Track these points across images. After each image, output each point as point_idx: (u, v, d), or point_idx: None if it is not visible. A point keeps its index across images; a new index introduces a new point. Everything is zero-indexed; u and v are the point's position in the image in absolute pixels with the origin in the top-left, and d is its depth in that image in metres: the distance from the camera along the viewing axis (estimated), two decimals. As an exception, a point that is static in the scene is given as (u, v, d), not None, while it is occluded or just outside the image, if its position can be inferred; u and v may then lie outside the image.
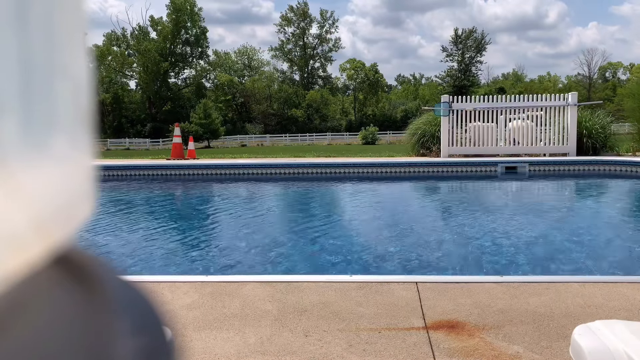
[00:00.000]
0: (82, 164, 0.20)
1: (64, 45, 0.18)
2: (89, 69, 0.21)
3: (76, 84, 0.19)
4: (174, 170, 10.30)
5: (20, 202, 0.16)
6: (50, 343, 0.17)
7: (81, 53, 0.20)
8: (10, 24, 0.16)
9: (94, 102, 0.21)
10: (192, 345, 1.88)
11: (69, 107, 0.19)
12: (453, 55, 64.51)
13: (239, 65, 66.34)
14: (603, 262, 3.74)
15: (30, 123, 0.17)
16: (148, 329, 0.23)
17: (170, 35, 56.07)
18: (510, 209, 6.49)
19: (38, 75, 0.17)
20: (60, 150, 0.18)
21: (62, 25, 0.18)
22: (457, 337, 1.90)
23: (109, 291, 0.21)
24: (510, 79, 76.37)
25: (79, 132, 0.20)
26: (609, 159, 9.89)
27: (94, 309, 0.20)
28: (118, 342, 0.20)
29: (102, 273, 0.21)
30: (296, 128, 57.15)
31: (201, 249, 4.46)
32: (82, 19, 0.20)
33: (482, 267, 3.65)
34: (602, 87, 69.30)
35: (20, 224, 0.16)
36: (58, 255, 0.19)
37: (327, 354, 1.79)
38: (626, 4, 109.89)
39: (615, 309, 2.15)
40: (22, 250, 0.16)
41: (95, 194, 0.21)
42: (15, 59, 0.16)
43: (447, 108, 11.62)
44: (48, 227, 0.17)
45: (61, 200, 0.18)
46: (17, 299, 0.17)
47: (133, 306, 0.23)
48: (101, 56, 53.83)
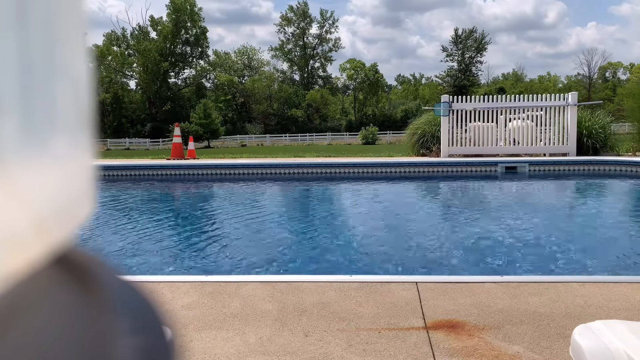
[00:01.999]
0: (82, 164, 0.20)
1: (64, 45, 0.18)
2: (89, 69, 0.21)
3: (76, 84, 0.19)
4: (174, 170, 10.30)
5: (20, 202, 0.16)
6: (50, 343, 0.17)
7: (81, 53, 0.20)
8: (10, 24, 0.16)
9: (94, 102, 0.21)
10: (192, 345, 1.88)
11: (69, 107, 0.19)
12: (453, 55, 64.52)
13: (239, 65, 66.33)
14: (603, 262, 3.74)
15: (30, 123, 0.17)
16: (148, 329, 0.23)
17: (170, 35, 56.07)
18: (510, 209, 6.49)
19: (38, 75, 0.17)
20: (61, 150, 0.18)
21: (62, 25, 0.18)
22: (457, 337, 1.90)
23: (109, 291, 0.21)
24: (510, 79, 76.36)
25: (79, 132, 0.20)
26: (609, 159, 9.89)
27: (94, 309, 0.20)
28: (118, 342, 0.20)
29: (102, 273, 0.21)
30: (296, 128, 57.16)
31: (201, 248, 4.46)
32: (82, 19, 0.20)
33: (482, 267, 3.65)
34: (602, 87, 69.31)
35: (21, 223, 0.16)
36: (58, 255, 0.19)
37: (327, 354, 1.79)
38: (625, 4, 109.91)
39: (615, 309, 2.15)
40: (22, 250, 0.16)
41: (95, 193, 0.21)
42: (15, 59, 0.16)
43: (447, 108, 11.62)
44: (48, 227, 0.17)
45: (61, 200, 0.18)
46: (17, 299, 0.17)
47: (133, 306, 0.23)
48: (101, 56, 53.82)
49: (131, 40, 58.17)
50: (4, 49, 0.15)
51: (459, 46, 63.94)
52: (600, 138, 11.50)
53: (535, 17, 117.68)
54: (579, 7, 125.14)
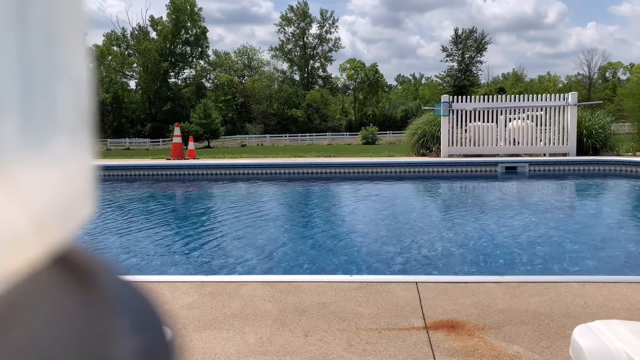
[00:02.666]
0: (82, 164, 0.20)
1: (64, 45, 0.18)
2: (89, 69, 0.21)
3: (76, 84, 0.19)
4: (174, 170, 10.30)
5: (20, 202, 0.16)
6: (50, 343, 0.17)
7: (81, 53, 0.20)
8: (10, 24, 0.16)
9: (94, 102, 0.21)
10: (192, 345, 1.88)
11: (69, 107, 0.19)
12: (453, 55, 64.50)
13: (239, 65, 66.34)
14: (603, 261, 3.74)
15: (30, 123, 0.17)
16: (148, 329, 0.23)
17: (170, 35, 56.08)
18: (510, 208, 6.49)
19: (38, 75, 0.17)
20: (61, 150, 0.18)
21: (62, 25, 0.18)
22: (457, 337, 1.90)
23: (109, 291, 0.21)
24: (510, 79, 76.34)
25: (79, 132, 0.20)
26: (608, 159, 9.89)
27: (94, 309, 0.20)
28: (118, 342, 0.20)
29: (102, 273, 0.21)
30: (296, 128, 57.16)
31: (201, 248, 4.46)
32: (82, 19, 0.20)
33: (482, 267, 3.65)
34: (602, 87, 69.29)
35: (21, 223, 0.16)
36: (58, 255, 0.19)
37: (327, 354, 1.79)
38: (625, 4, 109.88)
39: (615, 309, 2.15)
40: (22, 250, 0.16)
41: (96, 193, 0.21)
42: (15, 59, 0.16)
43: (447, 108, 11.62)
44: (48, 226, 0.17)
45: (61, 200, 0.18)
46: (17, 299, 0.17)
47: (133, 306, 0.23)
48: (101, 56, 53.84)
49: (131, 40, 58.18)
50: (4, 49, 0.15)
51: (459, 46, 63.92)
52: (600, 138, 11.50)
53: (536, 17, 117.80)
54: (579, 7, 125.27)
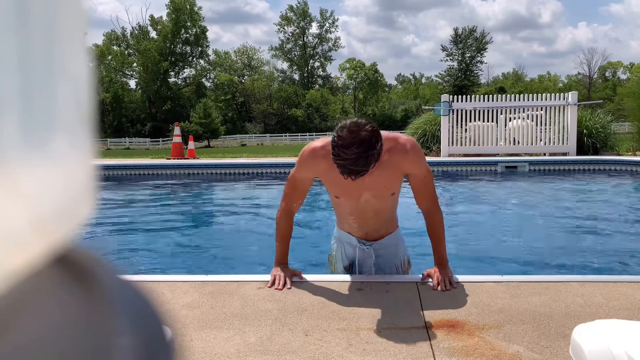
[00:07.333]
0: (82, 164, 0.20)
1: (64, 45, 0.18)
2: (89, 68, 0.21)
3: (76, 83, 0.19)
4: (174, 169, 10.29)
5: (20, 201, 0.16)
6: (51, 342, 0.17)
7: (81, 53, 0.20)
8: (10, 24, 0.16)
9: (94, 102, 0.21)
10: (192, 345, 1.88)
11: (69, 107, 0.19)
12: (453, 55, 64.47)
13: (239, 64, 66.32)
14: (603, 261, 3.74)
15: (30, 123, 0.17)
16: (148, 328, 0.23)
17: (170, 35, 56.07)
18: (510, 208, 6.49)
19: (38, 75, 0.17)
20: (61, 150, 0.18)
21: (62, 25, 0.18)
22: (457, 337, 1.90)
23: (109, 291, 0.21)
24: (510, 79, 76.32)
25: (79, 132, 0.20)
26: (609, 159, 9.89)
27: (94, 309, 0.20)
28: (118, 341, 0.20)
29: (102, 273, 0.21)
30: (296, 127, 57.14)
31: (200, 247, 4.46)
32: (82, 19, 0.20)
33: (482, 267, 3.65)
34: (602, 86, 69.29)
35: (21, 223, 0.16)
36: (58, 255, 0.19)
37: (327, 354, 1.79)
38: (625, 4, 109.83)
39: (615, 308, 2.15)
40: (22, 249, 0.16)
41: (96, 193, 0.21)
42: (15, 59, 0.16)
43: (447, 107, 11.62)
44: (48, 226, 0.17)
45: (62, 200, 0.18)
46: (17, 299, 0.17)
47: (133, 306, 0.23)
48: (101, 56, 53.82)
49: (131, 39, 58.17)
50: (4, 49, 0.15)
51: (459, 46, 63.89)
52: (600, 137, 11.50)
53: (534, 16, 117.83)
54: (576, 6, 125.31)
